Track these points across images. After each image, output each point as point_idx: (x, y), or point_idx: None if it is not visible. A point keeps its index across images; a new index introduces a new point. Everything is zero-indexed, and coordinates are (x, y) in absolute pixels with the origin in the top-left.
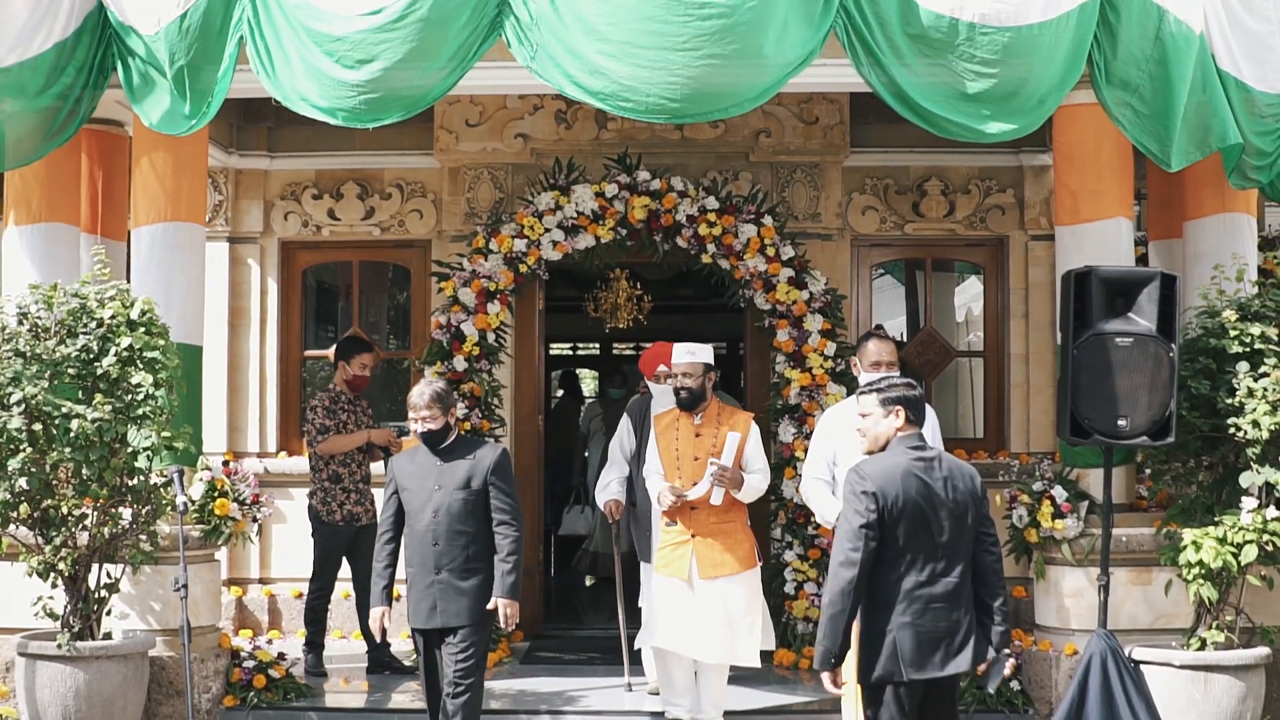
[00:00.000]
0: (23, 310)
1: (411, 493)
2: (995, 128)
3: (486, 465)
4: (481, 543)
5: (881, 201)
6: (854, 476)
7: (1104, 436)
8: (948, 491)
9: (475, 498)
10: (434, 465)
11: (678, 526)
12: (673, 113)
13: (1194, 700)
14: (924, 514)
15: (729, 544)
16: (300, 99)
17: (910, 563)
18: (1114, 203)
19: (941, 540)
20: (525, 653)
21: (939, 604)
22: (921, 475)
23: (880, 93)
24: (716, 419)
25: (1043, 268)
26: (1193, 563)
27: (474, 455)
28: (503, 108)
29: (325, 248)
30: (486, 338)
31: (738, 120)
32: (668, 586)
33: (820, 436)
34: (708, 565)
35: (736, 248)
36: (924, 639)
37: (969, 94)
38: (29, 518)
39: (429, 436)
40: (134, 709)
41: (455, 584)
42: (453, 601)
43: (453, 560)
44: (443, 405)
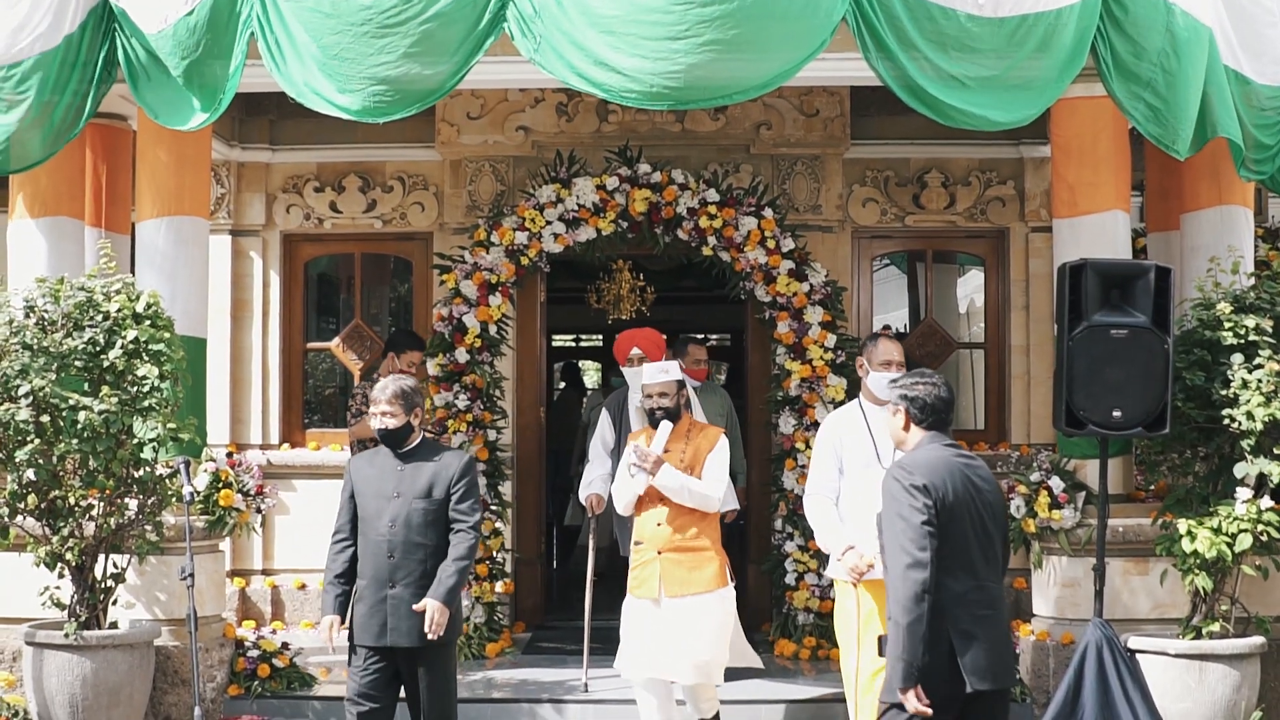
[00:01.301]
0: (30, 303)
1: (367, 498)
2: (999, 116)
3: (451, 474)
4: (442, 557)
5: (882, 193)
6: (900, 471)
7: (1099, 427)
8: (989, 490)
9: (437, 508)
10: (394, 470)
11: (644, 544)
12: (676, 99)
13: (1189, 689)
14: (974, 511)
15: (696, 562)
16: (313, 93)
17: (963, 564)
18: (1111, 195)
19: (988, 540)
20: (527, 643)
21: (990, 609)
22: (967, 472)
23: (888, 83)
24: (686, 435)
25: (1043, 260)
26: (1188, 553)
27: (438, 462)
28: (504, 100)
29: (327, 240)
30: (488, 330)
31: (738, 113)
32: (637, 609)
33: (824, 445)
34: (674, 583)
35: (737, 240)
36: (980, 649)
37: (974, 82)
38: (36, 508)
39: (386, 435)
40: (140, 698)
41: (410, 601)
42: (406, 620)
43: (408, 575)
44: (405, 403)
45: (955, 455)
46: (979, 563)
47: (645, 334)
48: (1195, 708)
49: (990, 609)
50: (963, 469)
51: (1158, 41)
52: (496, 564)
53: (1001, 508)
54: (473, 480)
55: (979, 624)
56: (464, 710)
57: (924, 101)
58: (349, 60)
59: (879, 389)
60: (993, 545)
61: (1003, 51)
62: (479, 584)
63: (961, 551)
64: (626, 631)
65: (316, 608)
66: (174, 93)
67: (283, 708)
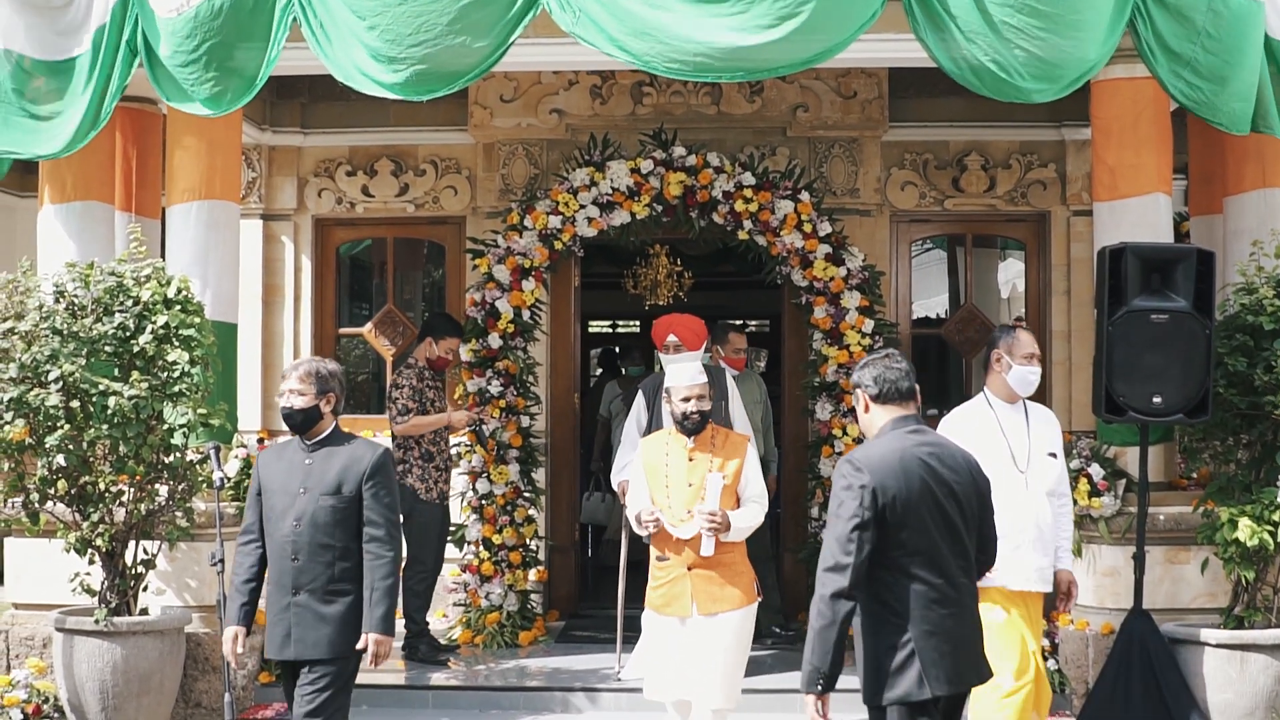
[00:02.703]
0: (59, 288)
1: (274, 495)
2: (1037, 88)
3: (363, 468)
4: (352, 560)
5: (921, 177)
6: (847, 467)
7: (1139, 414)
8: (957, 479)
9: (347, 506)
10: (301, 463)
11: (670, 560)
12: (719, 71)
13: (1230, 679)
14: (936, 504)
15: (729, 576)
16: (360, 74)
17: (925, 563)
18: (1152, 178)
19: (956, 535)
20: (561, 631)
21: (958, 608)
22: (928, 462)
23: (937, 58)
24: (711, 442)
25: (1084, 244)
26: (1229, 541)
27: (349, 455)
28: (537, 83)
29: (359, 224)
30: (521, 315)
31: (774, 95)
32: (665, 628)
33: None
34: (707, 600)
35: (773, 224)
36: (948, 649)
37: (1018, 55)
38: (67, 494)
39: (290, 416)
40: (171, 684)
41: (315, 609)
42: (311, 630)
43: (314, 580)
44: (318, 384)
45: (919, 444)
46: (946, 558)
47: (683, 321)
48: (1236, 699)
49: (957, 608)
50: (925, 459)
51: (1200, 18)
52: (530, 552)
53: (976, 495)
54: (388, 478)
55: (944, 625)
56: (497, 698)
57: (974, 73)
58: (391, 40)
59: (1022, 386)
60: (961, 539)
61: (1043, 19)
62: (512, 571)
63: (925, 548)
64: (651, 653)
65: None
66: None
67: None
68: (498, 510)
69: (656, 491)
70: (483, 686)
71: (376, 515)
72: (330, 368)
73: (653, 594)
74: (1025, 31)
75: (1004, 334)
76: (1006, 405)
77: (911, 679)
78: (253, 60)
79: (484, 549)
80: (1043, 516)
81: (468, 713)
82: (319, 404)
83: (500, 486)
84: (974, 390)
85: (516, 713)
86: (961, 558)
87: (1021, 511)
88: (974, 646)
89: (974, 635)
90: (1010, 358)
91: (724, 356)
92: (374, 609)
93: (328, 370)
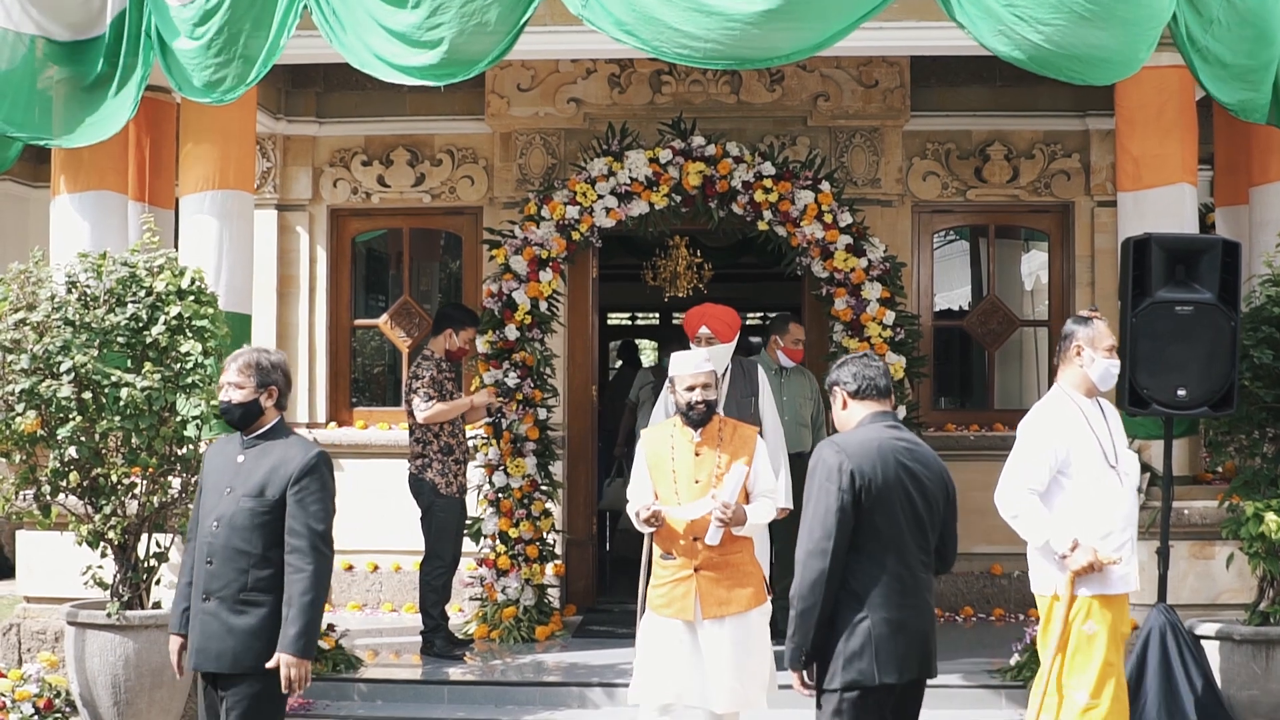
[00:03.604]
0: (72, 279)
1: (206, 493)
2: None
3: (291, 470)
4: (271, 569)
5: (943, 167)
6: (829, 450)
7: (1163, 407)
8: (928, 475)
9: (269, 510)
10: (234, 462)
11: (676, 560)
12: (728, 59)
13: (1255, 676)
14: (908, 496)
15: (737, 577)
16: (377, 60)
17: (890, 550)
18: (1177, 168)
19: (922, 527)
20: (578, 626)
21: (917, 599)
22: (902, 455)
23: (979, 36)
24: (718, 435)
25: (1109, 235)
26: (1255, 536)
27: (281, 455)
28: (555, 72)
29: (375, 215)
30: (539, 306)
31: (795, 84)
32: (666, 631)
33: (1043, 442)
34: (713, 603)
35: (793, 214)
36: (903, 639)
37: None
38: (78, 486)
39: (229, 411)
40: (183, 679)
41: (223, 618)
42: (217, 640)
43: (225, 587)
44: (258, 376)
45: (895, 437)
46: (910, 549)
47: (716, 312)
48: (1262, 696)
49: (915, 598)
50: (900, 453)
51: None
52: (547, 546)
53: (940, 496)
54: (318, 482)
55: (902, 613)
56: (513, 693)
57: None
58: (410, 24)
59: (1105, 379)
60: (925, 533)
61: None
62: (528, 565)
63: (892, 538)
64: (648, 656)
65: (364, 589)
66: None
67: (328, 690)
68: (514, 504)
69: (662, 487)
70: (499, 681)
71: (298, 524)
72: (272, 358)
73: (653, 594)
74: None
75: (1082, 325)
76: (1086, 399)
77: (865, 664)
78: (259, 48)
79: (500, 543)
80: (1134, 514)
81: (483, 708)
82: (259, 398)
83: (517, 479)
84: (996, 383)
85: (533, 708)
86: (924, 551)
87: (1122, 510)
88: (927, 639)
89: (928, 627)
90: (1093, 350)
91: (783, 347)
92: (288, 626)
93: (269, 361)
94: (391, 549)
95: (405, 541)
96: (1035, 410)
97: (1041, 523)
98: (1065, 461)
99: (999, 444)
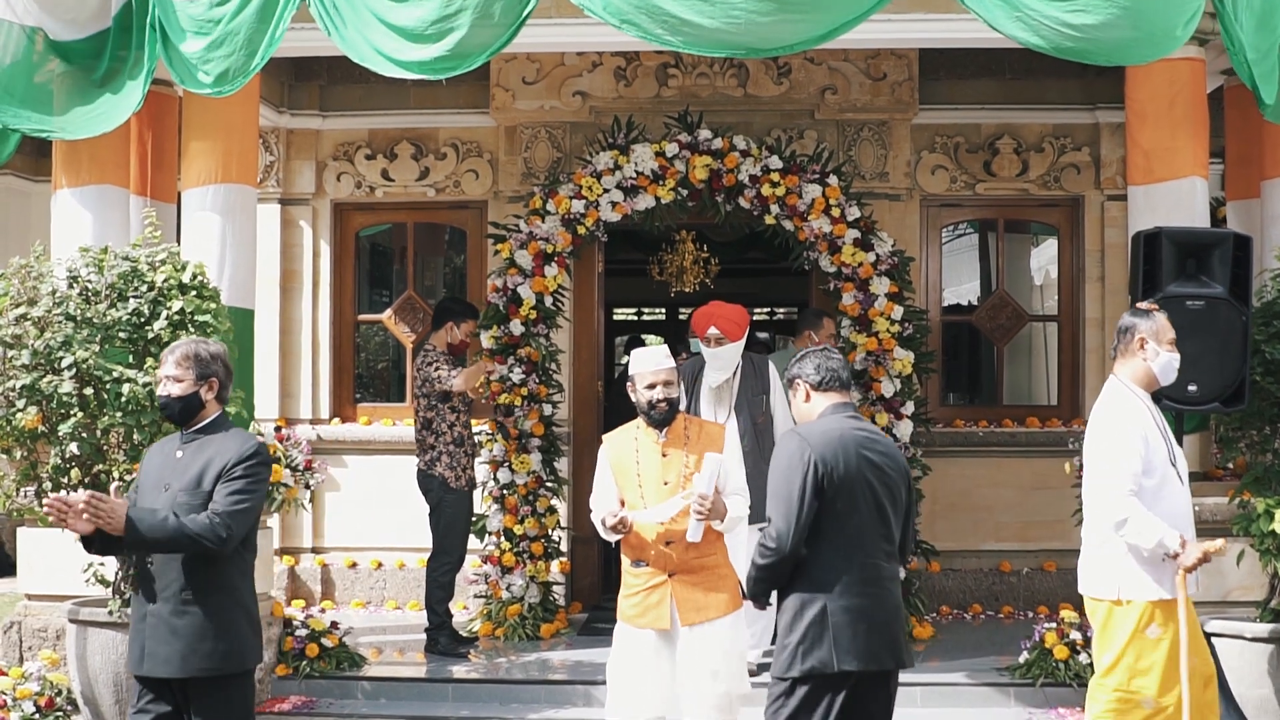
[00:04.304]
0: (73, 273)
1: (144, 492)
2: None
3: (226, 460)
4: (212, 567)
5: (952, 160)
6: (795, 438)
7: (1174, 402)
8: (890, 465)
9: (203, 504)
10: (173, 458)
11: (647, 568)
12: (733, 48)
13: (1267, 674)
14: (868, 486)
15: (713, 580)
16: (377, 54)
17: (851, 539)
18: (1188, 161)
19: (884, 517)
20: (583, 624)
21: (878, 588)
22: (864, 445)
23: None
24: (684, 435)
25: (1119, 229)
26: (1266, 533)
27: (218, 448)
28: (560, 65)
29: (379, 209)
30: (544, 301)
31: (803, 77)
32: (640, 644)
33: (1133, 437)
34: (690, 609)
35: (801, 208)
36: (865, 627)
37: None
38: (80, 483)
39: (168, 406)
40: None
41: (169, 620)
42: (164, 644)
43: (167, 588)
44: (198, 368)
45: (856, 428)
46: (872, 538)
47: (725, 311)
48: (1274, 694)
49: (877, 587)
50: (860, 443)
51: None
52: (552, 543)
53: (901, 486)
54: (251, 469)
55: (863, 602)
56: (518, 692)
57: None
58: (412, 17)
59: (1167, 374)
60: (888, 522)
61: None
62: (534, 562)
63: (855, 527)
64: (621, 670)
65: (368, 587)
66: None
67: (331, 688)
68: (519, 500)
69: (628, 492)
70: (503, 680)
71: (219, 494)
72: (212, 349)
73: (625, 604)
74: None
75: (1144, 318)
76: (1146, 394)
77: (824, 652)
78: (260, 40)
79: (505, 540)
80: (1191, 511)
81: (488, 706)
82: (199, 390)
83: (522, 476)
84: (1005, 379)
85: (538, 706)
86: (887, 541)
87: (1187, 510)
88: (890, 628)
89: (891, 617)
90: (1157, 344)
91: (818, 342)
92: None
93: (209, 352)
94: (396, 546)
95: (409, 538)
96: (1107, 408)
97: (1152, 524)
98: (1146, 459)
99: (1008, 440)
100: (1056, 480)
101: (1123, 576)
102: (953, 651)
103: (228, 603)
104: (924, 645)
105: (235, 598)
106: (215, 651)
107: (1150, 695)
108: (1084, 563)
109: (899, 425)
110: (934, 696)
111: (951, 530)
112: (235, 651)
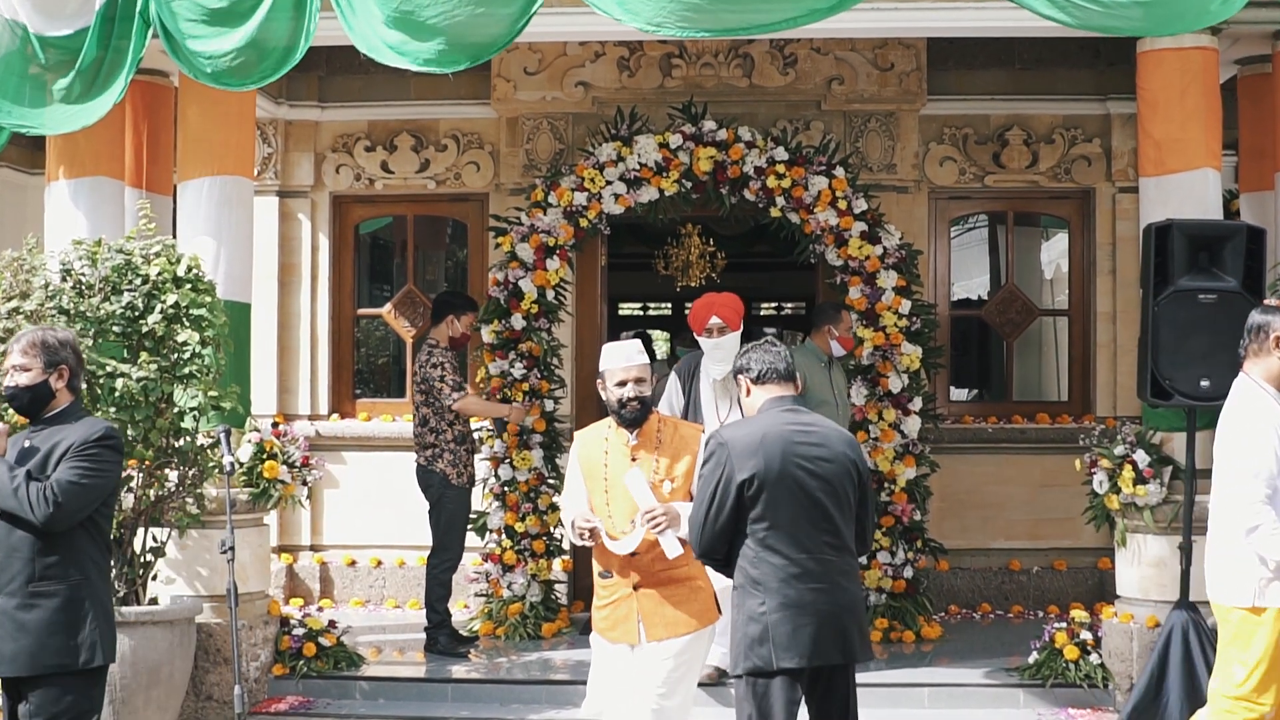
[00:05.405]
0: (66, 266)
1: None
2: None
3: (73, 441)
4: (58, 555)
5: (960, 152)
6: (711, 443)
7: (1185, 397)
8: (826, 457)
9: None
10: (21, 447)
11: (614, 578)
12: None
13: None
14: (799, 481)
15: (683, 593)
16: (385, 47)
17: (784, 537)
18: (1201, 152)
19: (823, 511)
20: (586, 623)
21: (824, 583)
22: (795, 441)
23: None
24: (656, 437)
25: (1131, 221)
26: None
27: (68, 434)
28: (562, 55)
29: (379, 201)
30: (545, 295)
31: (809, 67)
32: (611, 657)
33: (1265, 435)
34: (658, 624)
35: (806, 200)
36: (805, 623)
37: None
38: None
39: (15, 397)
40: (180, 676)
41: (15, 615)
42: (10, 641)
43: (12, 580)
44: (45, 356)
45: (789, 424)
46: (809, 534)
47: (724, 300)
48: None
49: (821, 582)
50: (792, 438)
51: None
52: (554, 540)
53: (848, 477)
54: (97, 451)
55: (803, 599)
56: (518, 692)
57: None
58: (414, 12)
59: None
60: (829, 517)
61: None
62: (535, 561)
63: (784, 524)
64: (597, 680)
65: (367, 585)
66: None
67: (329, 688)
68: (520, 497)
69: (595, 497)
70: (504, 680)
71: (57, 474)
72: (60, 335)
73: (596, 615)
74: None
75: (1274, 314)
76: (1278, 393)
77: (765, 650)
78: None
79: (506, 537)
80: None
81: (488, 706)
82: (48, 379)
83: (523, 473)
84: (1015, 374)
85: (539, 707)
86: (830, 535)
87: None
88: (838, 622)
89: (840, 611)
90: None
91: (837, 336)
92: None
93: (57, 339)
94: (395, 543)
95: (409, 536)
96: (1239, 409)
97: None
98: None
99: (1017, 436)
100: (1067, 477)
101: (1260, 582)
102: (961, 652)
103: (79, 595)
104: (932, 645)
105: (87, 590)
106: (67, 646)
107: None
108: (1211, 568)
109: (906, 421)
110: (941, 697)
111: (960, 528)
112: (89, 647)
